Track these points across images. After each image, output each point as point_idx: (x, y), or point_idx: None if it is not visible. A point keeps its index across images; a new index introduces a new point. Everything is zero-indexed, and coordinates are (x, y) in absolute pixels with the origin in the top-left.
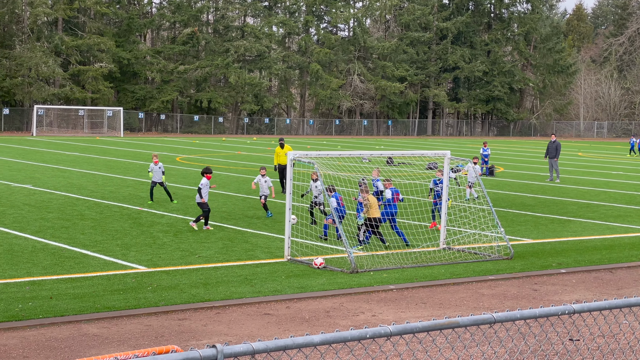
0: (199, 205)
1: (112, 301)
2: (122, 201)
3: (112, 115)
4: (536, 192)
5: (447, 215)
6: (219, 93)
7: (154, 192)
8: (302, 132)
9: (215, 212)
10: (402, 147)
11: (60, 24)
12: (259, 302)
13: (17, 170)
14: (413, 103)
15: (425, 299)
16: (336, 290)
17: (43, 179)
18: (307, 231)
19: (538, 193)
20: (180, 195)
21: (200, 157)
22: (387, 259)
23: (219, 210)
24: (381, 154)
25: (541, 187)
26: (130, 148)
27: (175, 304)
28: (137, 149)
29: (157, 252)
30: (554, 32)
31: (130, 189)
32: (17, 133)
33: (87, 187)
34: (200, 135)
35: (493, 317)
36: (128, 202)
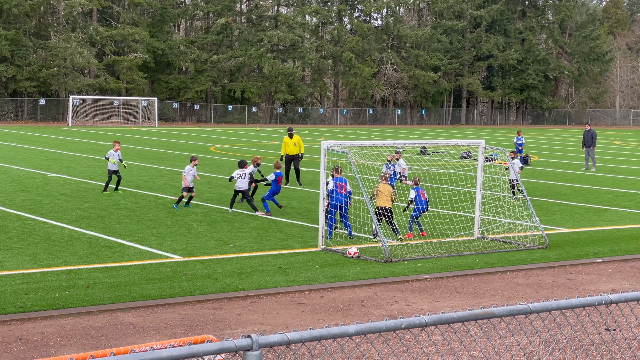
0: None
1: (148, 290)
2: (156, 191)
3: (146, 105)
4: (571, 180)
5: (481, 205)
6: (253, 83)
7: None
8: (336, 121)
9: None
10: (436, 136)
11: (95, 15)
12: (293, 291)
13: (53, 160)
14: (447, 92)
15: (460, 289)
16: (370, 280)
17: (79, 168)
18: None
19: (573, 182)
20: (214, 185)
21: (234, 146)
22: (421, 248)
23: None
24: (415, 143)
25: (576, 176)
26: (164, 138)
27: (210, 293)
28: (172, 139)
29: (192, 242)
30: (590, 20)
31: (165, 179)
32: (53, 123)
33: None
34: (234, 125)
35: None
36: (163, 192)
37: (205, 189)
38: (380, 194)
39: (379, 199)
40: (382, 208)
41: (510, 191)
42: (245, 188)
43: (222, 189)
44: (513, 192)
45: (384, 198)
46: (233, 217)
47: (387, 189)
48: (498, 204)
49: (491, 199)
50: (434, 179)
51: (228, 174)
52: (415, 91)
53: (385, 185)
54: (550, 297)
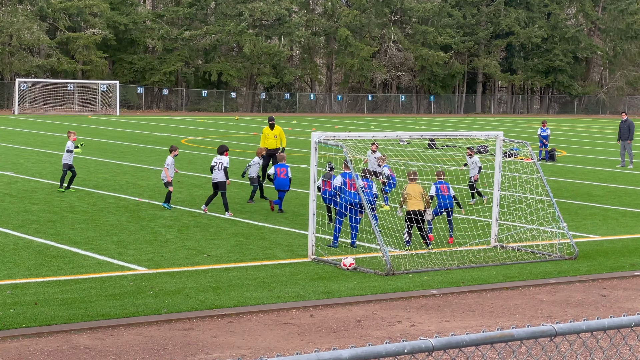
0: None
1: (107, 308)
2: (118, 191)
3: (106, 90)
4: (605, 180)
5: (499, 208)
6: (231, 64)
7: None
8: (329, 109)
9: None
10: (447, 127)
11: None
12: (279, 309)
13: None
14: (459, 75)
15: (474, 306)
16: (369, 296)
17: (26, 164)
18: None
19: (607, 181)
20: (186, 184)
21: (209, 138)
22: (429, 258)
23: (231, 202)
24: (422, 135)
25: (611, 174)
26: (127, 128)
27: (180, 311)
28: (136, 130)
29: (159, 251)
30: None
31: (128, 177)
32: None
33: (78, 175)
34: (209, 114)
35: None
36: (125, 192)
37: (175, 188)
38: (410, 197)
39: (410, 202)
40: (413, 212)
41: (470, 192)
42: (221, 180)
43: (195, 188)
44: (472, 193)
45: (415, 200)
46: (208, 222)
47: (417, 189)
48: (519, 207)
49: (511, 202)
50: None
51: (202, 170)
52: (422, 74)
53: (414, 185)
54: (579, 317)
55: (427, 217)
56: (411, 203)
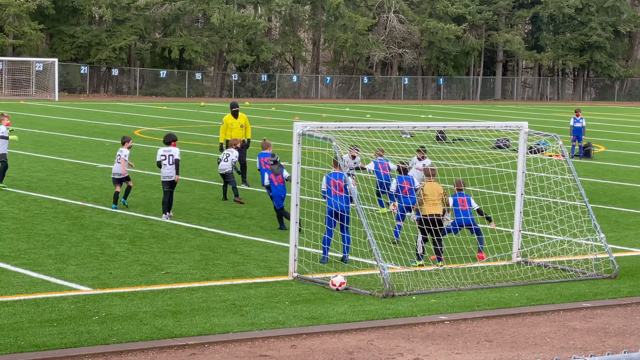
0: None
1: (42, 336)
2: (56, 193)
3: (42, 69)
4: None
5: (522, 215)
6: (196, 38)
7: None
8: (315, 94)
9: (190, 209)
10: (459, 116)
11: None
12: (253, 338)
13: None
14: (475, 53)
15: (492, 336)
16: (363, 323)
17: None
18: (322, 236)
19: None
20: (140, 185)
21: (169, 129)
22: (437, 277)
23: (194, 207)
24: (429, 126)
25: None
26: (68, 116)
27: (132, 340)
28: (79, 118)
29: (107, 267)
30: None
31: (69, 176)
32: None
33: (7, 173)
34: (169, 99)
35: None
36: (65, 195)
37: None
38: (427, 199)
39: (427, 205)
40: (431, 217)
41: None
42: (173, 177)
43: (151, 190)
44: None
45: (433, 202)
46: (166, 232)
47: (436, 189)
48: (547, 214)
49: (537, 208)
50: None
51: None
52: (429, 51)
53: (433, 184)
54: (619, 348)
55: (445, 223)
56: (428, 206)
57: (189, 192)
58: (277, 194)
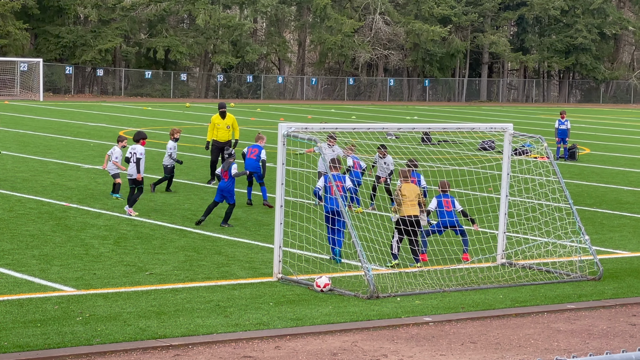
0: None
1: (25, 337)
2: (40, 193)
3: (26, 69)
4: (637, 183)
5: (507, 217)
6: (181, 39)
7: None
8: (301, 95)
9: (174, 210)
10: (445, 117)
11: None
12: (237, 339)
13: None
14: (460, 55)
15: (476, 337)
16: (347, 324)
17: None
18: (307, 237)
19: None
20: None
21: (154, 129)
22: (421, 278)
23: (179, 208)
24: (413, 127)
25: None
26: (53, 117)
27: (116, 341)
28: (63, 119)
29: (91, 267)
30: None
31: (53, 176)
32: None
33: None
34: (154, 100)
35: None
36: (50, 195)
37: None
38: (406, 199)
39: (405, 206)
40: (409, 218)
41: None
42: (134, 175)
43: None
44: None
45: (411, 203)
46: (151, 232)
47: (413, 190)
48: (531, 216)
49: (522, 209)
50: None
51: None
52: (415, 53)
53: (409, 185)
54: (602, 350)
55: (422, 223)
56: (406, 207)
57: (173, 193)
58: (219, 188)
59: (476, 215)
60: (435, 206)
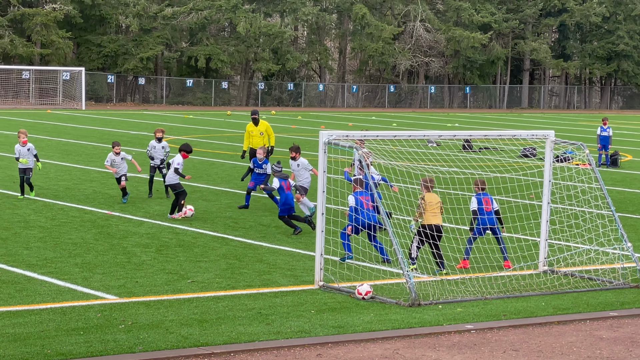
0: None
1: (69, 345)
2: (83, 202)
3: (69, 78)
4: None
5: (549, 224)
6: (222, 47)
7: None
8: (342, 103)
9: (216, 218)
10: (486, 125)
11: None
12: (279, 347)
13: None
14: (501, 62)
15: (518, 345)
16: (389, 331)
17: None
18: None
19: None
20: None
21: (195, 137)
22: (463, 285)
23: (221, 216)
24: (455, 135)
25: None
26: (95, 125)
27: (158, 349)
28: (106, 127)
29: (133, 275)
30: None
31: (95, 185)
32: None
33: (34, 182)
34: (196, 108)
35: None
36: (92, 204)
37: (155, 199)
38: (430, 207)
39: (427, 215)
40: (431, 227)
41: None
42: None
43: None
44: None
45: (434, 212)
46: (192, 240)
47: (435, 199)
48: (574, 223)
49: (564, 216)
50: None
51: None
52: (455, 60)
53: (432, 194)
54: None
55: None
56: (429, 216)
57: (215, 201)
58: (285, 201)
59: (517, 222)
60: (476, 205)
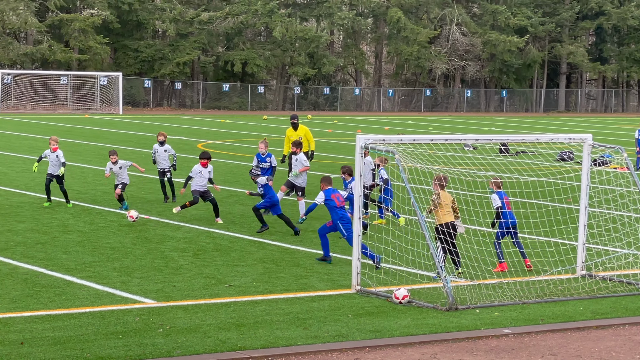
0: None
1: (108, 349)
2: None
3: (106, 83)
4: None
5: (587, 228)
6: (259, 52)
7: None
8: (378, 107)
9: (253, 222)
10: (523, 128)
11: None
12: (316, 351)
13: None
14: (537, 65)
15: (556, 349)
16: (426, 336)
17: (10, 174)
18: (385, 249)
19: None
20: None
21: (232, 142)
22: (500, 290)
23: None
24: (492, 138)
25: None
26: (132, 130)
27: (196, 353)
28: (142, 132)
29: (171, 280)
30: None
31: (133, 189)
32: None
33: (72, 187)
34: (232, 112)
35: None
36: (130, 208)
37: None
38: (442, 207)
39: (441, 213)
40: (446, 226)
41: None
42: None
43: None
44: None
45: (447, 211)
46: (229, 245)
47: (448, 197)
48: (612, 227)
49: (602, 220)
50: (519, 191)
51: (223, 182)
52: (491, 64)
53: (445, 193)
54: None
55: (460, 230)
56: (443, 214)
57: (252, 205)
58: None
59: (555, 226)
60: (499, 203)
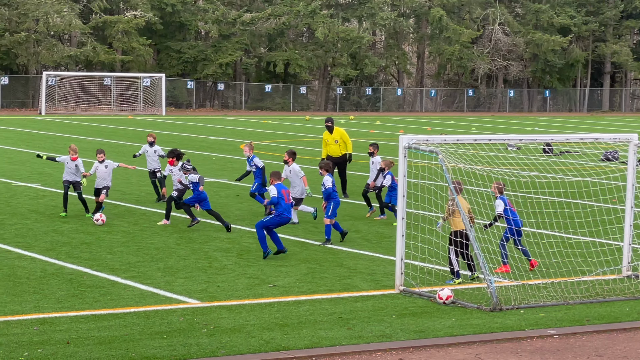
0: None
1: (152, 348)
2: (164, 207)
3: (150, 85)
4: None
5: (632, 229)
6: (301, 52)
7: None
8: (420, 107)
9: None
10: (566, 128)
11: None
12: (360, 351)
13: (19, 164)
14: (581, 65)
15: (602, 350)
16: (471, 336)
17: (56, 175)
18: (429, 249)
19: None
20: (247, 199)
21: (274, 143)
22: (545, 290)
23: (301, 221)
24: (536, 138)
25: None
26: (175, 131)
27: (240, 353)
28: (186, 132)
29: (215, 280)
30: None
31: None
32: (20, 111)
33: (116, 187)
34: (274, 113)
35: None
36: (173, 208)
37: (234, 203)
38: (458, 212)
39: (457, 220)
40: (460, 234)
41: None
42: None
43: (258, 204)
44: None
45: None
46: (273, 245)
47: (465, 204)
48: None
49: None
50: (563, 191)
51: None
52: (534, 64)
53: (462, 199)
54: None
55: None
56: (459, 221)
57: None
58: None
59: (600, 227)
60: (503, 207)
